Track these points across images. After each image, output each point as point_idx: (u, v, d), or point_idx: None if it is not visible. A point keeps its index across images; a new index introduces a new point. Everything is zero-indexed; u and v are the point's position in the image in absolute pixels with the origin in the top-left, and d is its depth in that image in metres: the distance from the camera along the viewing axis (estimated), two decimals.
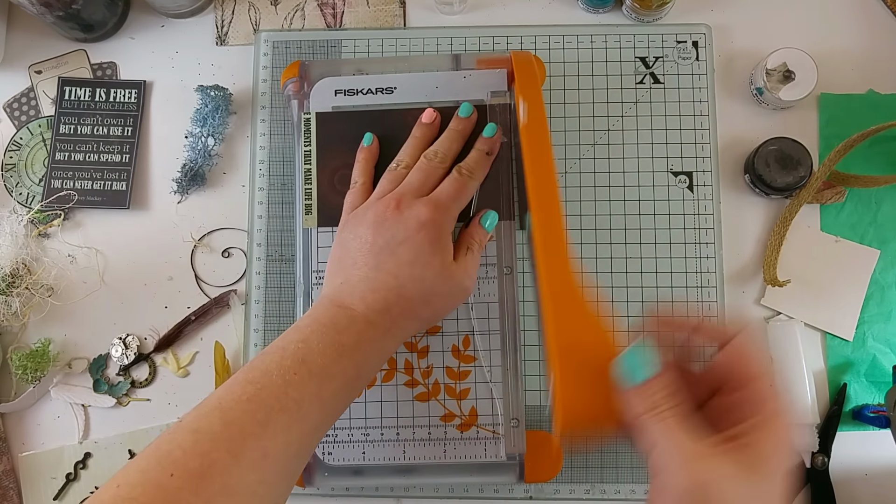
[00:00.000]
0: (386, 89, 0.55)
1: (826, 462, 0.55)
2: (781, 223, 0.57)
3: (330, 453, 0.52)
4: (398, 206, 0.47)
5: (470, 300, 0.52)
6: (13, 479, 0.59)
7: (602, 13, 0.62)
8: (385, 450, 0.52)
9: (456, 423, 0.52)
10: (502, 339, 0.52)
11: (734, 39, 0.61)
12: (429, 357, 0.53)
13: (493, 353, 0.52)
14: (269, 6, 0.64)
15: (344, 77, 0.55)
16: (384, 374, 0.52)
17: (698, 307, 0.57)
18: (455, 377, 0.52)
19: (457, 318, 0.53)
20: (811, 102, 0.60)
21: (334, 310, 0.44)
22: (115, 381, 0.60)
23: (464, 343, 0.52)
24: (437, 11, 0.63)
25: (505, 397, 0.52)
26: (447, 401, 0.52)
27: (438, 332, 0.53)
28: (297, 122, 0.56)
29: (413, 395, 0.52)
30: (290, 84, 0.56)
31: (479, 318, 0.53)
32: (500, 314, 0.52)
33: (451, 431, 0.52)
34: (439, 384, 0.52)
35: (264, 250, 0.59)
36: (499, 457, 0.51)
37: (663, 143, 0.59)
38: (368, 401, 0.52)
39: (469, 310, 0.53)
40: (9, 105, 0.64)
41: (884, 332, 0.57)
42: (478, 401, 0.52)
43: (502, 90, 0.54)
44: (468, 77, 0.54)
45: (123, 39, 0.65)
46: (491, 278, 0.53)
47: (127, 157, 0.62)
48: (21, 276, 0.59)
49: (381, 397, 0.52)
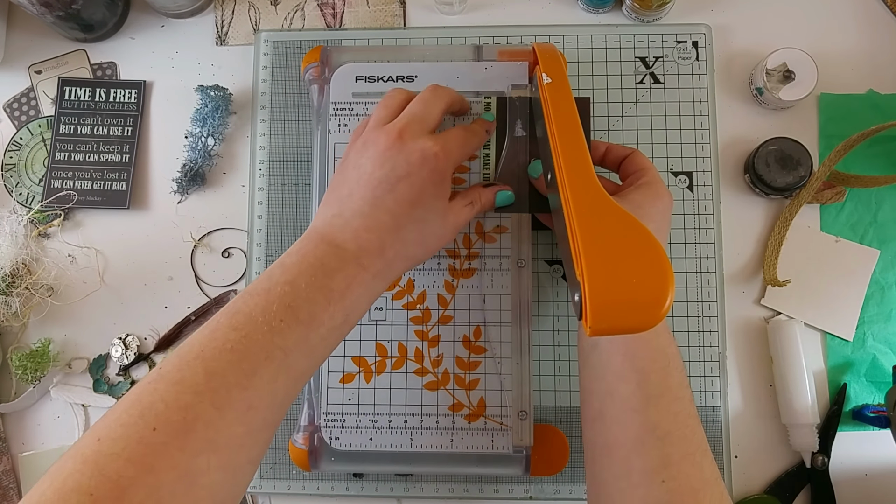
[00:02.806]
0: (407, 77, 0.54)
1: (826, 462, 0.55)
2: (781, 223, 0.57)
3: (337, 438, 0.52)
4: (401, 135, 0.43)
5: (483, 291, 0.53)
6: (13, 479, 0.59)
7: (602, 13, 0.62)
8: (392, 437, 0.52)
9: (464, 413, 0.52)
10: (514, 332, 0.52)
11: (734, 39, 0.61)
12: (439, 346, 0.52)
13: (504, 344, 0.52)
14: (269, 6, 0.64)
15: (365, 63, 0.55)
16: (394, 362, 0.52)
17: (698, 307, 0.57)
18: (465, 367, 0.52)
19: (469, 309, 0.52)
20: (811, 102, 0.60)
21: (324, 247, 0.41)
22: (115, 382, 0.60)
23: (475, 334, 0.52)
24: (437, 11, 0.63)
25: (514, 389, 0.52)
26: (456, 390, 0.52)
27: (450, 322, 0.53)
28: (317, 106, 0.55)
29: (422, 383, 0.52)
30: (311, 69, 0.56)
31: (491, 309, 0.52)
32: (512, 306, 0.52)
33: (458, 421, 0.52)
34: (449, 374, 0.52)
35: (264, 250, 0.59)
36: (506, 449, 0.51)
37: (663, 143, 0.59)
38: (378, 387, 0.52)
39: (482, 301, 0.53)
40: (9, 105, 0.64)
41: (884, 332, 0.57)
42: (487, 392, 0.52)
43: (523, 83, 0.54)
44: (490, 68, 0.54)
45: (123, 39, 0.65)
46: (505, 270, 0.53)
47: (127, 157, 0.62)
48: (21, 276, 0.59)
49: (391, 384, 0.52)
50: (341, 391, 0.52)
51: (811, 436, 0.54)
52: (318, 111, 0.55)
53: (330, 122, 0.54)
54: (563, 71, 0.48)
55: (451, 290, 0.53)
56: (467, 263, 0.53)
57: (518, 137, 0.53)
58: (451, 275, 0.53)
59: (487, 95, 0.53)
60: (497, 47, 0.56)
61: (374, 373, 0.52)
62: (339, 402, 0.52)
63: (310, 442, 0.52)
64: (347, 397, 0.52)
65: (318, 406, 0.52)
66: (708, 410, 0.56)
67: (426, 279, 0.53)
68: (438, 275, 0.53)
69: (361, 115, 0.54)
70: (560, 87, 0.46)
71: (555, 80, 0.47)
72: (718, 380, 0.56)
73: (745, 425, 0.57)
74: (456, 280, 0.53)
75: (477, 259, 0.53)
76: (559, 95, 0.46)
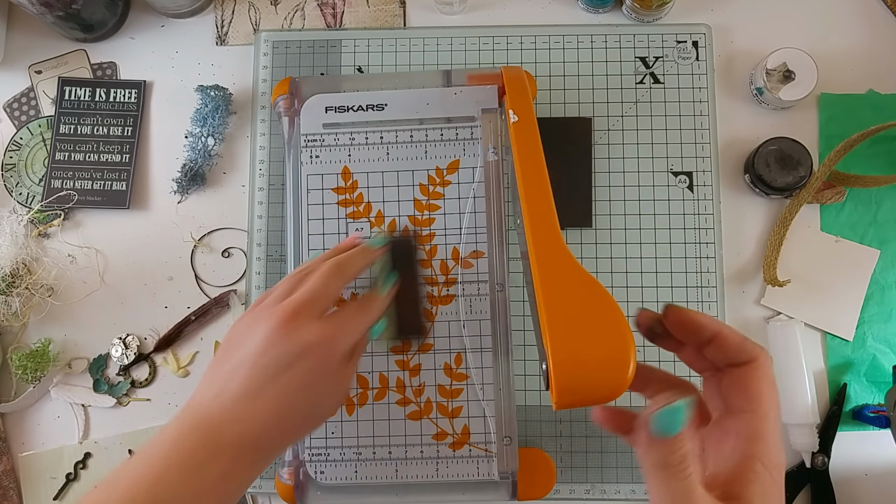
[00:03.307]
0: (377, 106, 0.54)
1: (826, 462, 0.55)
2: (781, 223, 0.57)
3: (322, 472, 0.52)
4: (291, 318, 0.41)
5: (462, 317, 0.52)
6: (13, 479, 0.59)
7: (602, 13, 0.62)
8: (377, 468, 0.51)
9: (448, 442, 0.51)
10: (494, 357, 0.52)
11: (734, 39, 0.61)
12: (420, 375, 0.52)
13: (486, 370, 0.52)
14: (269, 6, 0.64)
15: (335, 94, 0.55)
16: (376, 393, 0.52)
17: (698, 307, 0.57)
18: (447, 395, 0.52)
19: (448, 336, 0.52)
20: (811, 102, 0.60)
21: (198, 435, 0.38)
22: (115, 381, 0.60)
23: (456, 361, 0.52)
24: (437, 11, 0.63)
25: (497, 415, 0.52)
26: (439, 419, 0.52)
27: (430, 350, 0.52)
28: (288, 139, 0.55)
29: (405, 413, 0.52)
30: (281, 101, 0.56)
31: (471, 335, 0.52)
32: (492, 331, 0.52)
33: (443, 450, 0.51)
34: (431, 402, 0.52)
35: (264, 250, 0.59)
36: (491, 475, 0.51)
37: (663, 143, 0.59)
38: (360, 420, 0.52)
39: (461, 327, 0.52)
40: (9, 105, 0.64)
41: (884, 332, 0.57)
42: (470, 419, 0.51)
43: (493, 107, 0.54)
44: (459, 94, 0.54)
45: (123, 39, 0.65)
46: (483, 295, 0.52)
47: (127, 157, 0.62)
48: (21, 276, 0.59)
49: (373, 416, 0.52)
50: (324, 425, 0.52)
51: (811, 436, 0.54)
52: (290, 142, 0.55)
53: (302, 154, 0.54)
54: (529, 104, 0.48)
55: (431, 318, 0.52)
56: (445, 290, 0.52)
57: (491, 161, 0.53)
58: (430, 302, 0.52)
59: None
60: (466, 71, 0.56)
61: (356, 405, 0.52)
62: (323, 436, 0.52)
63: (295, 476, 0.52)
64: (331, 431, 0.52)
65: (302, 441, 0.52)
66: None
67: None
68: None
69: (333, 146, 0.54)
70: (527, 126, 0.46)
71: (521, 119, 0.46)
72: None
73: None
74: (435, 307, 0.52)
75: (455, 285, 0.52)
76: (525, 137, 0.46)
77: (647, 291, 0.57)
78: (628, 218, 0.58)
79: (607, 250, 0.58)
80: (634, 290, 0.58)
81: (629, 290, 0.58)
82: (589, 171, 0.59)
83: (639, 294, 0.57)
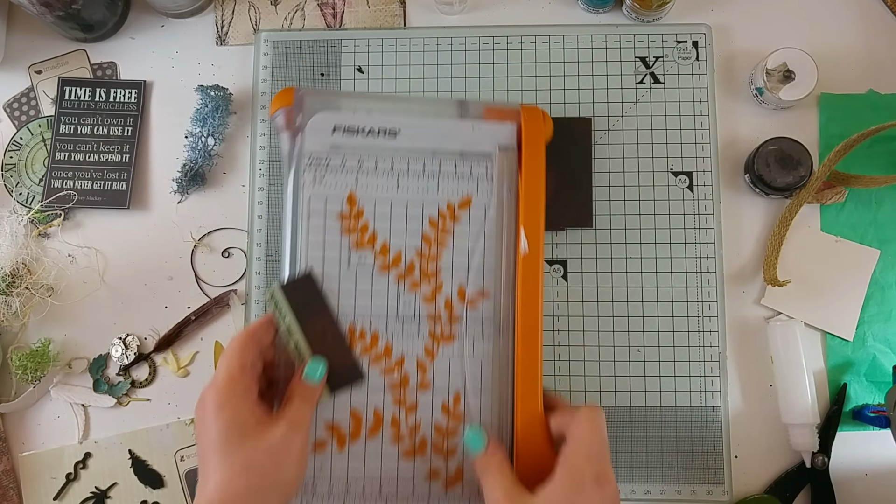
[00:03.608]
0: (389, 132, 0.51)
1: (826, 462, 0.55)
2: (781, 223, 0.57)
3: None
4: (200, 400, 0.43)
5: (464, 357, 0.50)
6: (13, 479, 0.59)
7: (602, 13, 0.62)
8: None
9: (441, 482, 0.49)
10: (494, 398, 0.50)
11: (734, 39, 0.61)
12: (417, 413, 0.50)
13: (485, 411, 0.50)
14: (269, 6, 0.64)
15: (345, 112, 0.51)
16: (370, 428, 0.50)
17: (698, 307, 0.57)
18: (443, 434, 0.50)
19: (448, 374, 0.50)
20: (811, 102, 0.60)
21: None
22: (115, 381, 0.60)
23: (454, 400, 0.50)
24: (437, 11, 0.63)
25: None
26: (434, 458, 0.50)
27: (429, 388, 0.50)
28: (287, 155, 0.51)
29: (399, 450, 0.49)
30: (281, 114, 0.51)
31: (472, 375, 0.50)
32: (493, 373, 0.50)
33: (435, 489, 0.49)
34: (426, 441, 0.50)
35: (264, 250, 0.60)
36: None
37: (663, 143, 0.59)
38: (351, 455, 0.49)
39: (462, 367, 0.50)
40: (9, 105, 0.64)
41: (884, 332, 0.57)
42: (465, 459, 0.49)
43: (511, 145, 0.52)
44: (476, 129, 0.52)
45: (123, 39, 0.65)
46: (487, 336, 0.50)
47: (127, 157, 0.62)
48: (21, 276, 0.59)
49: (365, 452, 0.49)
50: (313, 459, 0.49)
51: (811, 436, 0.54)
52: (290, 159, 0.51)
53: (305, 174, 0.50)
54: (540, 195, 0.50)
55: (431, 356, 0.50)
56: (448, 328, 0.50)
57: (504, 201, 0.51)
58: (432, 339, 0.50)
59: None
60: (483, 104, 0.54)
61: (347, 440, 0.49)
62: (311, 470, 0.49)
63: None
64: (319, 465, 0.49)
65: None
66: (708, 410, 0.56)
67: (405, 343, 0.50)
68: (418, 339, 0.50)
69: (339, 169, 0.51)
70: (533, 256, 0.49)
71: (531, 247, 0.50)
72: (718, 380, 0.56)
73: (745, 425, 0.57)
74: (436, 344, 0.50)
75: (458, 324, 0.50)
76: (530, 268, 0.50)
77: (647, 291, 0.57)
78: (628, 218, 0.58)
79: (607, 250, 0.58)
80: (634, 290, 0.58)
81: (629, 290, 0.58)
82: (589, 171, 0.59)
83: (639, 294, 0.57)
